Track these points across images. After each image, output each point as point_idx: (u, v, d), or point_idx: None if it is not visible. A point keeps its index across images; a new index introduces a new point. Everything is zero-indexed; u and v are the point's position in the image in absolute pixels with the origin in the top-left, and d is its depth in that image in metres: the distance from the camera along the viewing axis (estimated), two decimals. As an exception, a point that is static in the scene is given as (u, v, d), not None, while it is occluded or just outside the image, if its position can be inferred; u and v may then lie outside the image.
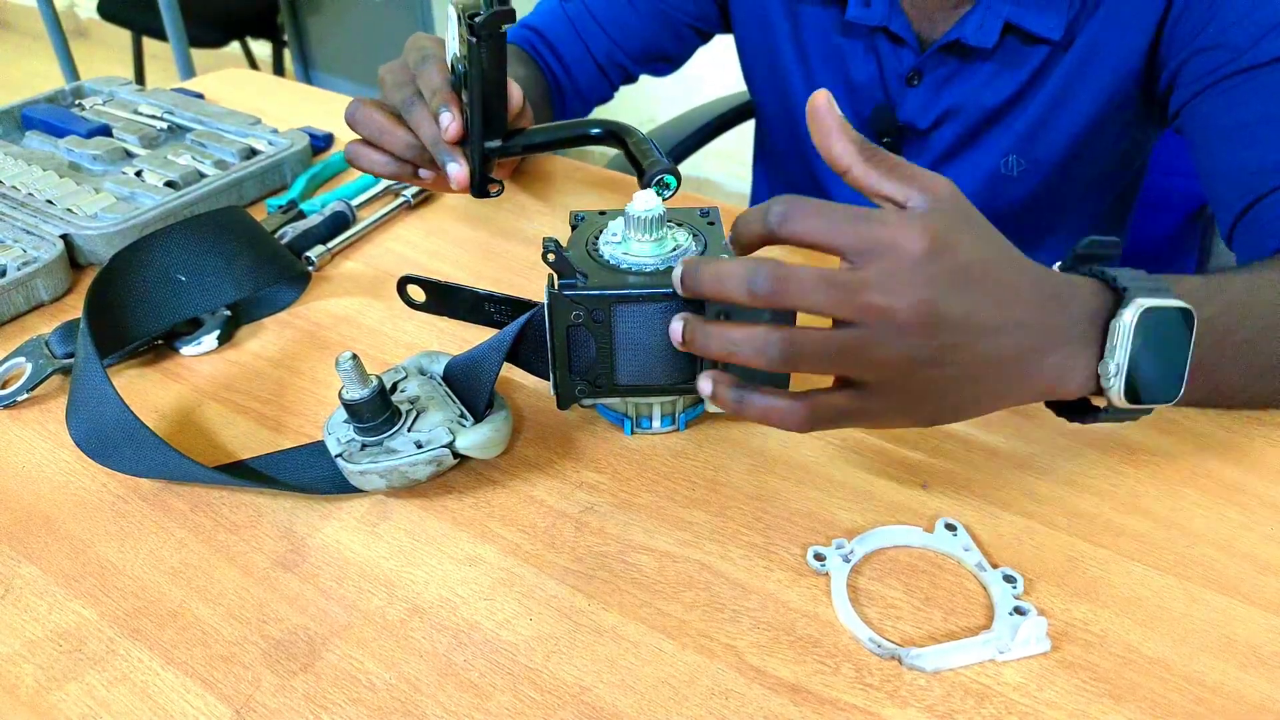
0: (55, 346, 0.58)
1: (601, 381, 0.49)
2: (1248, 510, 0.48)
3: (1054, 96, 0.73)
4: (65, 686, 0.40)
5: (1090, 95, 0.72)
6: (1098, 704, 0.39)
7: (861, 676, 0.40)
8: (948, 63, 0.75)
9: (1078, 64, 0.71)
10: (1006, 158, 0.78)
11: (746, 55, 0.89)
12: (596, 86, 0.89)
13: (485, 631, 0.42)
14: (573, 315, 0.47)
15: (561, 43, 0.86)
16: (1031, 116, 0.75)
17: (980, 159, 0.79)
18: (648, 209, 0.47)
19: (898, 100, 0.78)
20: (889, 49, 0.76)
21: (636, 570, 0.45)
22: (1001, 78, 0.74)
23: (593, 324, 0.47)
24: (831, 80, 0.81)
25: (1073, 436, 0.52)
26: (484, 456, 0.49)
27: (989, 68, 0.74)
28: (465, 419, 0.50)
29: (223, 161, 0.78)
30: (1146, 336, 0.41)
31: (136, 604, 0.44)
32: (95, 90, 0.91)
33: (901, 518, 0.48)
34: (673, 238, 0.49)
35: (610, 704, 0.39)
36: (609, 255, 0.48)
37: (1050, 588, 0.44)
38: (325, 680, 0.40)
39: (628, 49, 0.87)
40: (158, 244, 0.57)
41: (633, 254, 0.48)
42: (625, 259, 0.48)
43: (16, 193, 0.72)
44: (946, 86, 0.76)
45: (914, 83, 0.77)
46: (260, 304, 0.64)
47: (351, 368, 0.47)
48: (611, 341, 0.47)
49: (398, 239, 0.73)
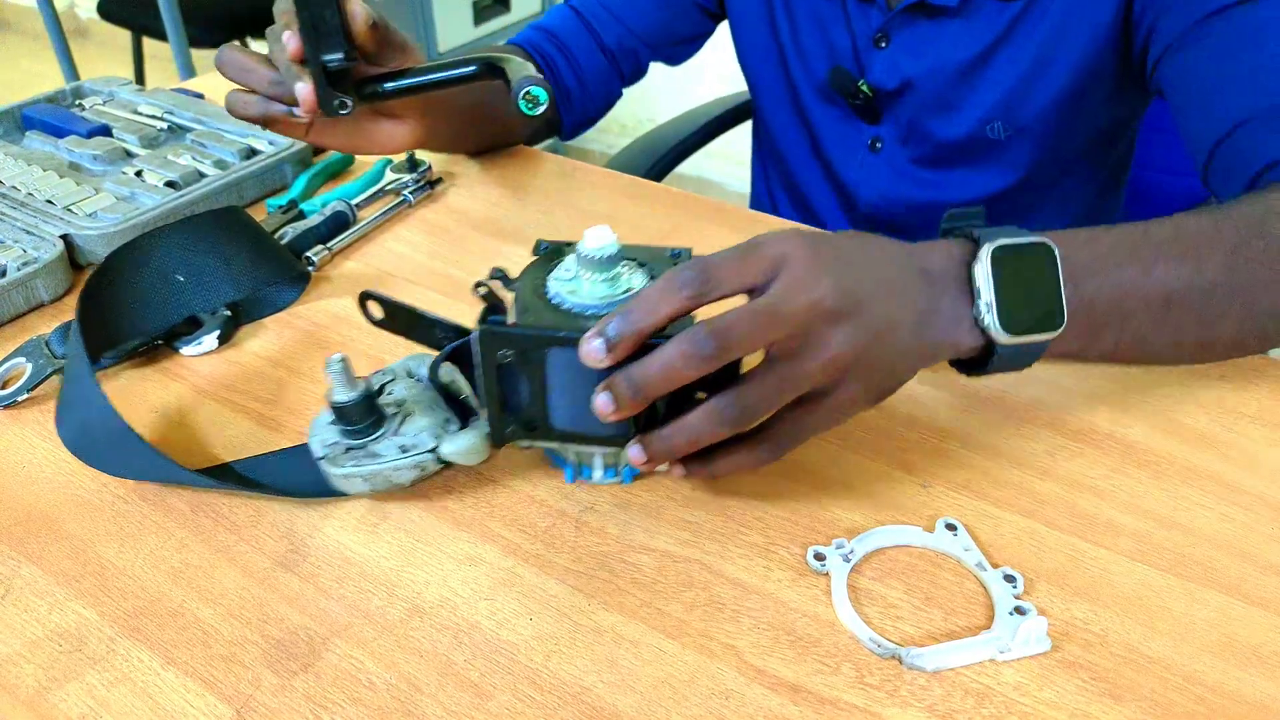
0: (55, 346, 0.58)
1: (536, 424, 0.46)
2: (1248, 510, 0.48)
3: (1032, 61, 0.74)
4: (65, 686, 0.40)
5: (1068, 60, 0.73)
6: (1098, 703, 0.39)
7: (862, 676, 0.40)
8: (915, 24, 0.76)
9: (1054, 29, 0.72)
10: (991, 123, 0.79)
11: (740, 30, 0.91)
12: (607, 82, 0.90)
13: (485, 631, 0.42)
14: (501, 354, 0.44)
15: (571, 38, 0.87)
16: (1009, 80, 0.75)
17: (960, 122, 0.79)
18: (599, 247, 0.44)
19: (867, 62, 0.80)
20: (857, 10, 0.78)
21: (636, 570, 0.45)
22: (967, 38, 0.75)
23: (525, 364, 0.44)
24: (816, 45, 0.83)
25: (1073, 436, 0.52)
26: (467, 463, 0.48)
27: (955, 27, 0.75)
28: (452, 423, 0.49)
29: (223, 161, 0.78)
30: (1006, 272, 0.45)
31: (137, 604, 0.44)
32: (95, 90, 0.91)
33: (901, 517, 0.48)
34: (629, 279, 0.46)
35: (610, 704, 0.39)
36: (555, 292, 0.45)
37: (1050, 587, 0.44)
38: (325, 680, 0.41)
39: (639, 33, 0.88)
40: (155, 243, 0.57)
41: (581, 294, 0.45)
42: (570, 298, 0.45)
43: (16, 193, 0.72)
44: (913, 48, 0.77)
45: (881, 44, 0.78)
46: (260, 304, 0.64)
47: (341, 370, 0.46)
48: (545, 385, 0.44)
49: (398, 239, 0.73)
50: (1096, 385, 0.56)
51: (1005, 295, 0.45)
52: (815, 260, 0.41)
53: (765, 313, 0.40)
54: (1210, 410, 0.54)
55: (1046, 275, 0.46)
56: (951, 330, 0.45)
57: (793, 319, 0.40)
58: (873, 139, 0.85)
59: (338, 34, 0.57)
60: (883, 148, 0.85)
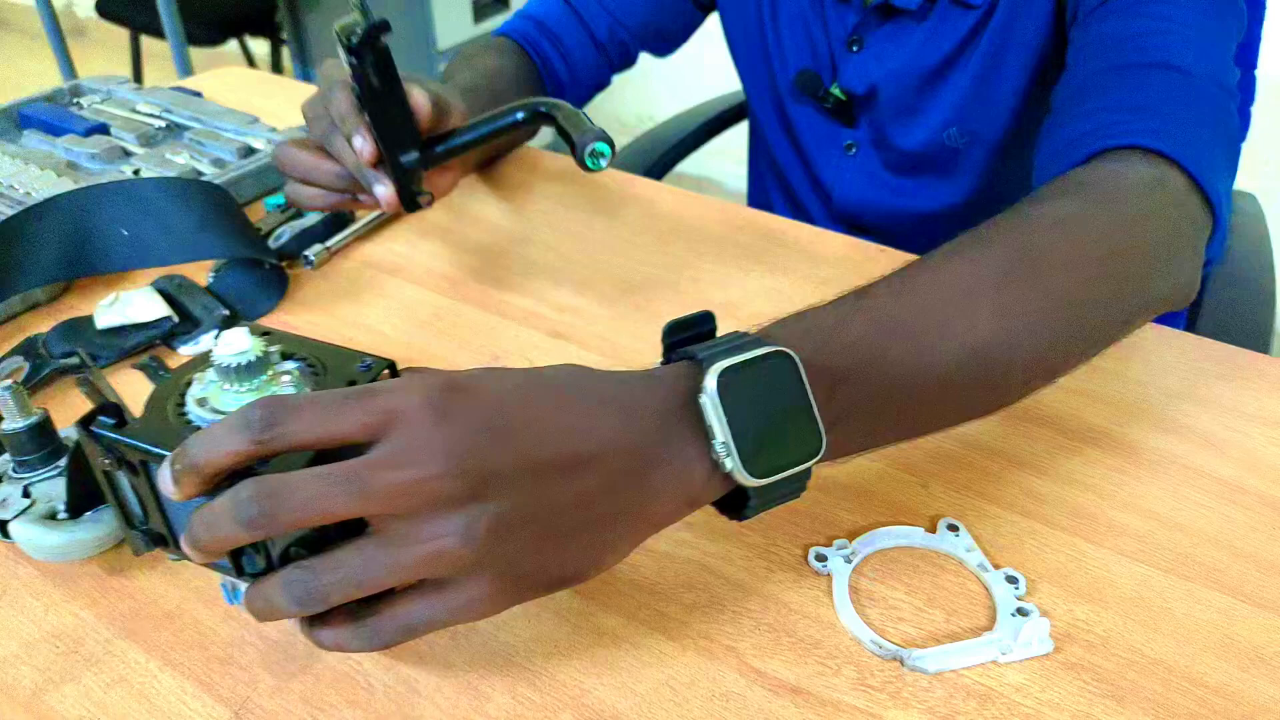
0: (52, 346, 0.58)
1: (163, 539, 0.40)
2: (1250, 510, 0.48)
3: (984, 65, 0.74)
4: (62, 688, 0.40)
5: (1016, 63, 0.73)
6: (1100, 705, 0.39)
7: (863, 678, 0.40)
8: (884, 27, 0.76)
9: (1001, 31, 0.72)
10: (947, 130, 0.79)
11: (731, 29, 0.91)
12: (596, 70, 0.90)
13: (483, 633, 0.42)
14: (102, 460, 0.38)
15: (562, 28, 0.87)
16: (964, 86, 0.76)
17: (924, 126, 0.80)
18: (233, 354, 0.38)
19: (841, 65, 0.80)
20: (834, 12, 0.79)
21: (636, 570, 0.45)
22: (932, 43, 0.75)
23: (132, 475, 0.38)
24: (798, 44, 0.83)
25: (1072, 436, 0.52)
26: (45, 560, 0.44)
27: (921, 32, 0.75)
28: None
29: (220, 160, 0.78)
30: (739, 398, 0.36)
31: (133, 605, 0.44)
32: (93, 89, 0.91)
33: (903, 518, 0.48)
34: (276, 389, 0.39)
35: (610, 705, 0.39)
36: (189, 398, 0.40)
37: (1052, 588, 0.44)
38: (323, 682, 0.40)
39: (629, 24, 0.89)
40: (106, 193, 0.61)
41: (213, 404, 0.39)
42: (196, 410, 0.39)
43: (14, 191, 0.72)
44: (883, 52, 0.77)
45: (854, 48, 0.78)
46: (256, 303, 0.64)
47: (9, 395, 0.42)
48: (158, 502, 0.38)
49: (397, 238, 0.72)
50: (1097, 385, 0.56)
51: (746, 427, 0.36)
52: (437, 424, 0.33)
53: (344, 481, 0.32)
54: (1211, 410, 0.54)
55: (789, 390, 0.37)
56: (688, 482, 0.37)
57: (385, 497, 0.32)
58: (848, 143, 0.85)
59: (407, 127, 0.57)
60: (857, 152, 0.85)
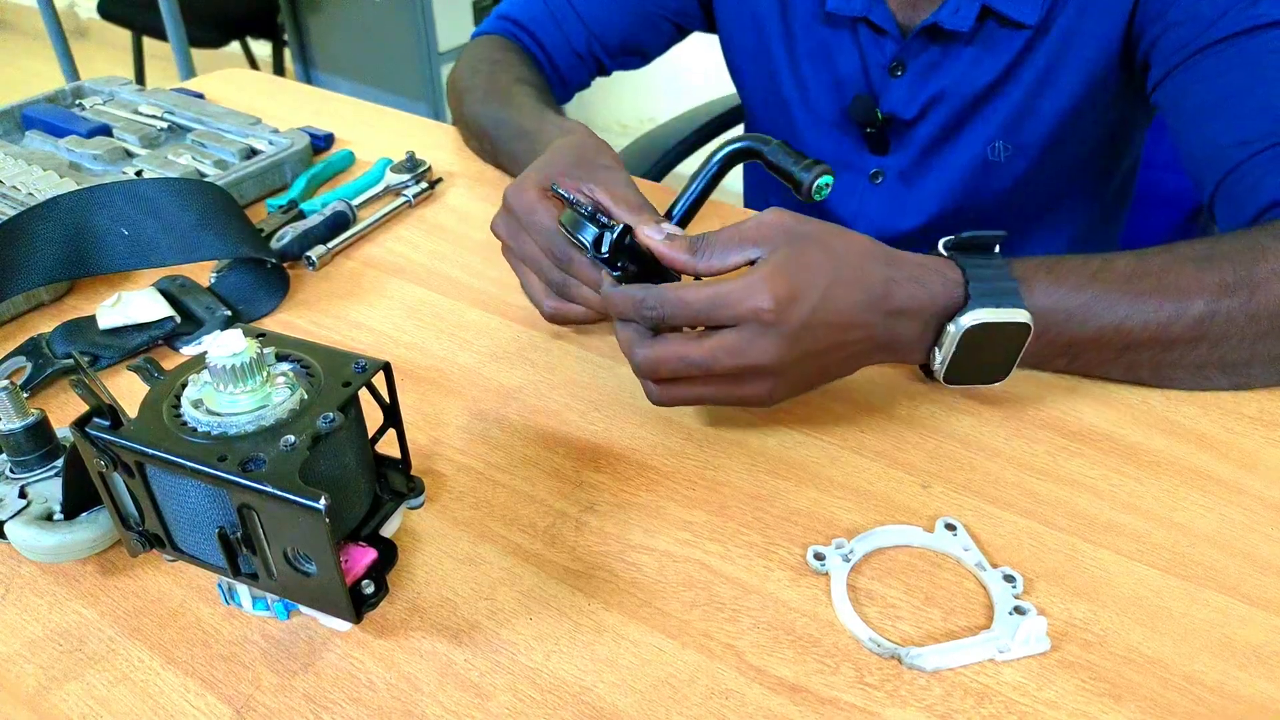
0: (55, 346, 0.58)
1: (160, 540, 0.41)
2: (1248, 510, 0.48)
3: (1036, 81, 0.73)
4: (65, 686, 0.40)
5: (1072, 79, 0.73)
6: (1097, 703, 0.39)
7: (861, 676, 0.40)
8: (929, 50, 0.75)
9: (1058, 48, 0.72)
10: (993, 144, 0.78)
11: (734, 54, 0.90)
12: (576, 73, 0.89)
13: (485, 631, 0.42)
14: (97, 461, 0.38)
15: (541, 31, 0.86)
16: (1015, 102, 0.75)
17: (967, 146, 0.79)
18: (228, 356, 0.37)
19: (881, 91, 0.79)
20: (871, 40, 0.77)
21: (636, 570, 0.45)
22: (983, 64, 0.74)
23: (127, 477, 0.38)
24: (817, 74, 0.82)
25: (1072, 437, 0.52)
26: (36, 560, 0.44)
27: (969, 54, 0.74)
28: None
29: (223, 161, 0.78)
30: (972, 341, 0.50)
31: (137, 603, 0.44)
32: (95, 90, 0.91)
33: (901, 517, 0.48)
34: (271, 391, 0.39)
35: (610, 704, 0.39)
36: (184, 400, 0.39)
37: (1050, 587, 0.44)
38: (326, 680, 0.41)
39: (605, 42, 0.88)
40: (111, 193, 0.61)
41: (207, 406, 0.39)
42: (190, 412, 0.39)
43: (17, 193, 0.72)
44: (929, 76, 0.76)
45: (897, 73, 0.77)
46: (258, 303, 0.64)
47: (6, 397, 0.42)
48: (154, 503, 0.39)
49: (399, 239, 0.73)
50: (1097, 385, 0.56)
51: (961, 360, 0.50)
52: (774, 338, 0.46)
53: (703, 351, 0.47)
54: (1210, 410, 0.54)
55: (1010, 350, 0.51)
56: (902, 354, 0.52)
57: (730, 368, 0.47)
58: (875, 171, 0.83)
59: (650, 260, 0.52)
60: (884, 181, 0.83)
